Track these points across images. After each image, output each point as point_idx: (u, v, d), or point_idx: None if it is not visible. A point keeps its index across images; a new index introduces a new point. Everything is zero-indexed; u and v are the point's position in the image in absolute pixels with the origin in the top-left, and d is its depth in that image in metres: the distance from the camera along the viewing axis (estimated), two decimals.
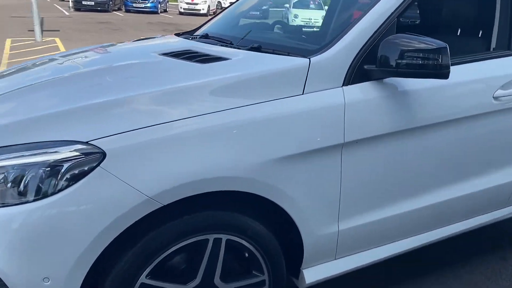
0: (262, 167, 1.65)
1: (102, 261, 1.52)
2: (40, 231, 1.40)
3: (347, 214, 1.93)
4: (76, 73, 2.03)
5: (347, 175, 1.86)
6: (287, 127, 1.69)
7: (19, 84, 1.95)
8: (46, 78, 1.98)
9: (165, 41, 2.60)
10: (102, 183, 1.43)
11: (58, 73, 2.09)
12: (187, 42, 2.41)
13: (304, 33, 2.76)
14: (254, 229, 1.74)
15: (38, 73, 2.16)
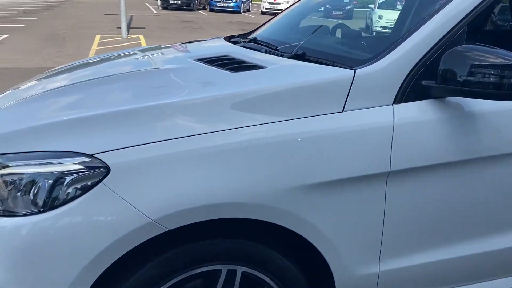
0: (286, 194, 1.43)
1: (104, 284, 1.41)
2: (36, 246, 1.31)
3: (391, 253, 1.65)
4: (98, 79, 1.94)
5: (392, 209, 1.58)
6: (318, 150, 1.46)
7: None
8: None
9: (211, 44, 2.46)
10: (104, 201, 1.31)
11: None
12: (231, 46, 2.25)
13: (365, 39, 2.47)
14: (276, 263, 1.53)
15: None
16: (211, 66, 1.81)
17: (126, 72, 1.97)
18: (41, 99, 1.75)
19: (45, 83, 2.04)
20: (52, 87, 1.90)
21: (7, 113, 1.69)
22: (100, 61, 2.32)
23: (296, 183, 1.44)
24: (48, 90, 1.88)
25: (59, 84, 1.92)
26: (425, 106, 1.57)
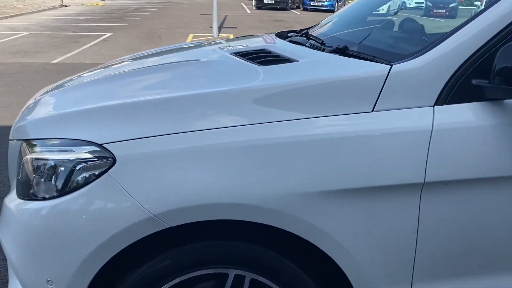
0: (304, 200, 1.31)
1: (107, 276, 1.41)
2: (44, 231, 1.35)
3: (425, 276, 1.44)
4: (134, 70, 1.96)
5: (427, 225, 1.37)
6: (341, 153, 1.31)
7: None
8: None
9: (257, 39, 2.37)
10: (107, 191, 1.30)
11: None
12: (276, 41, 2.14)
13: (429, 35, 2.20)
14: (289, 273, 1.41)
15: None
16: (241, 59, 1.73)
17: (156, 65, 1.97)
18: (80, 88, 1.82)
19: (96, 73, 2.11)
20: (95, 77, 1.97)
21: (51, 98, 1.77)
22: (147, 56, 2.35)
23: (316, 188, 1.31)
24: (90, 78, 1.95)
25: (103, 74, 1.98)
26: (475, 109, 1.34)
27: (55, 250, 1.35)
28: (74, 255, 1.34)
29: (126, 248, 1.36)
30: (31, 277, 1.41)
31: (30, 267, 1.40)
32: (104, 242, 1.31)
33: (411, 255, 1.41)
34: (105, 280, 1.43)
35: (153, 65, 2.00)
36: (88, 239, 1.32)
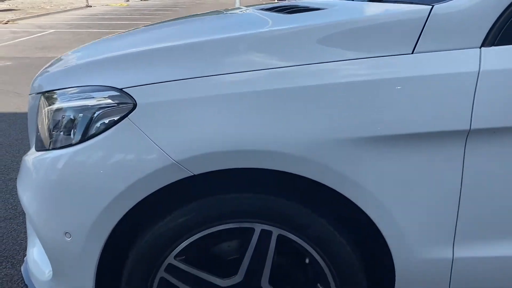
0: (337, 148, 1.21)
1: (127, 230, 1.34)
2: (62, 180, 1.29)
3: (469, 236, 1.31)
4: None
5: (473, 178, 1.25)
6: (378, 96, 1.21)
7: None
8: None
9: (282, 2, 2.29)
10: (128, 137, 1.23)
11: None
12: None
13: None
14: (318, 229, 1.31)
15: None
16: (267, 12, 1.64)
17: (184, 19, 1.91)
18: (102, 43, 1.76)
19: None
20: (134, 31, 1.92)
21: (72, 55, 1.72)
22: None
23: (349, 134, 1.20)
24: (126, 33, 1.90)
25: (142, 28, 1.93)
26: None
27: (73, 200, 1.29)
28: (93, 205, 1.27)
29: (147, 200, 1.28)
30: (48, 230, 1.35)
31: (47, 220, 1.34)
32: (124, 190, 1.24)
33: (454, 213, 1.29)
34: (123, 235, 1.36)
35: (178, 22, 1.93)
36: (107, 187, 1.25)
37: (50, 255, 1.39)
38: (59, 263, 1.38)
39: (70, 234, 1.31)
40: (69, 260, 1.34)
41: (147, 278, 1.33)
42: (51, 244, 1.36)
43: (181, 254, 1.33)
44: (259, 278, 1.35)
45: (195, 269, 1.34)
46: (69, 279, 1.38)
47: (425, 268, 1.33)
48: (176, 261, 1.32)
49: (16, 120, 4.60)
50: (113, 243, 1.34)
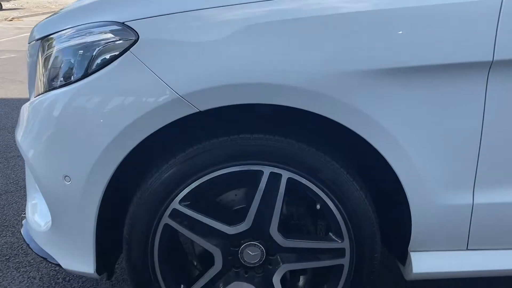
0: (347, 80, 1.14)
1: (129, 175, 1.27)
2: (62, 120, 1.23)
3: (490, 180, 1.24)
4: None
5: (495, 116, 1.18)
6: (391, 26, 1.13)
7: None
8: None
9: None
10: (130, 70, 1.17)
11: None
12: None
13: None
14: (330, 173, 1.24)
15: None
16: None
17: None
18: None
19: None
20: None
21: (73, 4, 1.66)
22: None
23: (363, 66, 1.13)
24: None
25: None
26: None
27: (73, 141, 1.23)
28: (93, 145, 1.21)
29: (150, 143, 1.22)
30: (47, 174, 1.29)
31: (46, 163, 1.28)
32: (126, 127, 1.17)
33: (474, 154, 1.21)
34: (125, 180, 1.29)
35: None
36: (109, 125, 1.19)
37: (49, 202, 1.33)
38: (58, 210, 1.31)
39: (69, 177, 1.25)
40: (69, 207, 1.28)
41: (151, 225, 1.27)
42: (50, 189, 1.29)
43: (187, 199, 1.26)
44: (267, 225, 1.28)
45: (201, 215, 1.27)
46: (68, 228, 1.31)
47: (444, 215, 1.26)
48: (181, 206, 1.26)
49: (19, 105, 4.54)
50: (115, 188, 1.28)
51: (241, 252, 1.31)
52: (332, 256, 1.31)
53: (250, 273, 1.34)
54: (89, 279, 1.81)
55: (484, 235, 1.31)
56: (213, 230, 1.28)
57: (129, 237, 1.28)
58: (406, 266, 1.36)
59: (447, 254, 1.33)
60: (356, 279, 1.31)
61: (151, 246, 1.29)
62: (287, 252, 1.31)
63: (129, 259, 1.30)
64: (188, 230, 1.28)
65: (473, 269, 1.35)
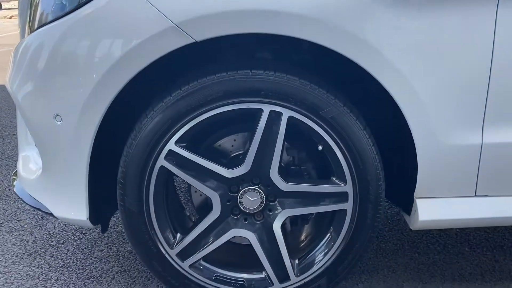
0: (349, 7, 1.09)
1: (122, 116, 1.22)
2: (52, 55, 1.18)
3: (501, 118, 1.19)
4: None
5: (505, 48, 1.13)
6: None
7: None
8: None
9: None
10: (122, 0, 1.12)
11: None
12: None
13: None
14: (332, 111, 1.18)
15: None
16: None
17: None
18: None
19: None
20: None
21: None
22: None
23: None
24: None
25: None
26: None
27: (63, 77, 1.18)
28: (85, 81, 1.16)
29: (144, 80, 1.17)
30: (38, 115, 1.24)
31: (37, 102, 1.23)
32: (119, 59, 1.12)
33: (484, 89, 1.16)
34: (118, 121, 1.24)
35: None
36: (100, 57, 1.14)
37: (40, 146, 1.28)
38: (49, 153, 1.26)
39: (60, 116, 1.20)
40: (60, 148, 1.23)
41: (146, 167, 1.21)
42: (41, 130, 1.24)
43: (183, 140, 1.21)
44: (267, 168, 1.23)
45: (198, 157, 1.22)
46: (59, 172, 1.26)
47: (451, 156, 1.21)
48: (177, 147, 1.20)
49: None
50: (108, 130, 1.22)
51: (240, 197, 1.25)
52: (335, 201, 1.25)
53: (249, 220, 1.29)
54: (83, 241, 1.76)
55: (493, 179, 1.25)
56: (211, 173, 1.23)
57: (123, 181, 1.23)
58: (411, 214, 1.31)
59: (454, 201, 1.28)
60: (360, 225, 1.26)
61: (146, 190, 1.23)
62: (287, 197, 1.26)
63: (123, 205, 1.25)
64: (184, 173, 1.23)
65: (481, 216, 1.29)
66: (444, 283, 1.52)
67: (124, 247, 1.72)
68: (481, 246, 1.74)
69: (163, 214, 1.27)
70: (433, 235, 1.81)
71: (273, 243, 1.28)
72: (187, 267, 1.30)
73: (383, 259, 1.66)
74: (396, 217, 1.96)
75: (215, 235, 1.29)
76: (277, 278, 1.30)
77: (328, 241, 1.29)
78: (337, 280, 1.32)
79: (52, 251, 1.70)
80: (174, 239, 1.29)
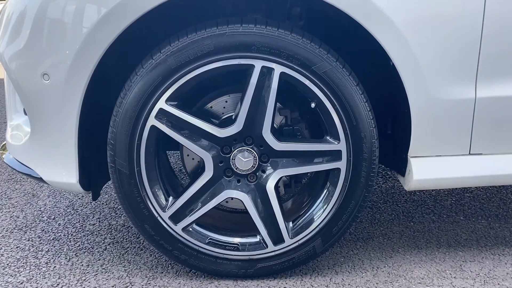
0: None
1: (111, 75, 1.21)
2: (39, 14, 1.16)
3: (491, 75, 1.18)
4: None
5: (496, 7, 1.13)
6: None
7: None
8: None
9: None
10: None
11: None
12: None
13: None
14: (324, 66, 1.17)
15: None
16: None
17: None
18: None
19: None
20: None
21: None
22: None
23: None
24: None
25: None
26: None
27: (50, 34, 1.15)
28: (72, 37, 1.14)
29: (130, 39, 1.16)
30: (25, 75, 1.21)
31: (24, 61, 1.21)
32: (105, 15, 1.10)
33: (476, 41, 1.15)
34: (107, 80, 1.22)
35: None
36: (88, 12, 1.12)
37: (28, 107, 1.25)
38: (38, 115, 1.24)
39: (48, 75, 1.17)
40: (48, 109, 1.21)
41: (136, 126, 1.19)
42: (29, 91, 1.22)
43: (174, 98, 1.19)
44: (260, 126, 1.21)
45: (189, 115, 1.20)
46: (48, 133, 1.24)
47: (445, 110, 1.20)
48: (168, 106, 1.18)
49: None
50: (96, 90, 1.20)
51: (233, 158, 1.24)
52: (328, 160, 1.24)
53: (242, 181, 1.27)
54: (75, 216, 1.73)
55: (487, 137, 1.25)
56: (203, 133, 1.21)
57: (113, 141, 1.21)
58: (406, 174, 1.30)
59: (449, 159, 1.27)
60: (354, 183, 1.24)
61: (137, 151, 1.21)
62: (281, 157, 1.25)
63: (114, 167, 1.23)
64: (176, 132, 1.21)
65: (476, 174, 1.28)
66: (440, 248, 1.51)
67: (116, 220, 1.70)
68: (476, 215, 1.73)
69: (154, 176, 1.25)
70: (428, 206, 1.80)
71: (267, 204, 1.27)
72: (180, 230, 1.28)
73: (378, 227, 1.65)
74: (391, 191, 1.95)
75: (208, 197, 1.27)
76: (271, 240, 1.29)
77: (323, 201, 1.28)
78: (332, 241, 1.30)
79: (43, 225, 1.67)
80: (166, 202, 1.27)
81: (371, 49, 1.17)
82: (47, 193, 1.92)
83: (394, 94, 1.24)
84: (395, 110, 1.29)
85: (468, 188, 1.94)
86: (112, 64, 1.19)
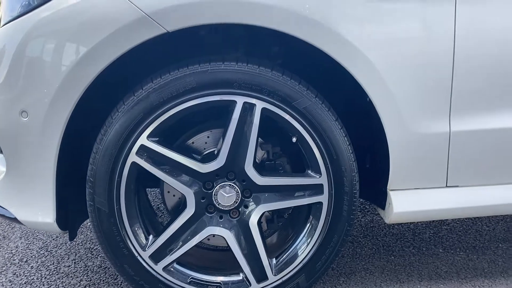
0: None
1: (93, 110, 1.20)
2: (20, 49, 1.15)
3: (466, 107, 1.23)
4: None
5: (466, 37, 1.19)
6: None
7: None
8: None
9: None
10: None
11: None
12: None
13: None
14: (304, 102, 1.19)
15: None
16: None
17: None
18: None
19: None
20: None
21: None
22: None
23: None
24: None
25: None
26: None
27: (31, 71, 1.14)
28: (53, 74, 1.13)
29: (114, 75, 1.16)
30: (3, 111, 1.18)
31: (3, 98, 1.18)
32: (87, 53, 1.10)
33: (448, 77, 1.21)
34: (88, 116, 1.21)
35: None
36: (69, 51, 1.12)
37: (4, 145, 1.22)
38: (14, 153, 1.21)
39: (27, 112, 1.16)
40: (26, 147, 1.18)
41: (117, 163, 1.18)
42: (6, 128, 1.19)
43: (155, 134, 1.18)
44: (242, 161, 1.21)
45: (170, 151, 1.19)
46: (25, 173, 1.20)
47: (421, 144, 1.24)
48: (149, 142, 1.18)
49: None
50: (76, 126, 1.19)
51: (215, 193, 1.23)
52: (310, 194, 1.25)
53: (225, 217, 1.26)
54: (49, 258, 1.66)
55: (463, 169, 1.28)
56: (184, 168, 1.21)
57: (93, 179, 1.19)
58: (386, 208, 1.31)
59: (427, 192, 1.30)
60: (337, 217, 1.25)
61: (117, 188, 1.19)
62: (263, 192, 1.24)
63: (93, 205, 1.20)
64: (157, 168, 1.20)
65: (453, 206, 1.31)
66: (422, 282, 1.52)
67: (92, 261, 1.64)
68: (454, 247, 1.75)
69: (134, 214, 1.23)
70: (407, 239, 1.82)
71: (250, 241, 1.25)
72: (161, 269, 1.24)
73: (360, 262, 1.64)
74: (370, 225, 1.96)
75: (189, 235, 1.24)
76: (255, 278, 1.26)
77: (306, 235, 1.28)
78: (316, 277, 1.29)
79: (15, 269, 1.59)
80: (146, 241, 1.24)
81: (349, 85, 1.21)
82: (19, 235, 1.85)
83: (372, 129, 1.27)
84: (373, 144, 1.32)
85: (445, 221, 1.97)
86: (92, 101, 1.19)
